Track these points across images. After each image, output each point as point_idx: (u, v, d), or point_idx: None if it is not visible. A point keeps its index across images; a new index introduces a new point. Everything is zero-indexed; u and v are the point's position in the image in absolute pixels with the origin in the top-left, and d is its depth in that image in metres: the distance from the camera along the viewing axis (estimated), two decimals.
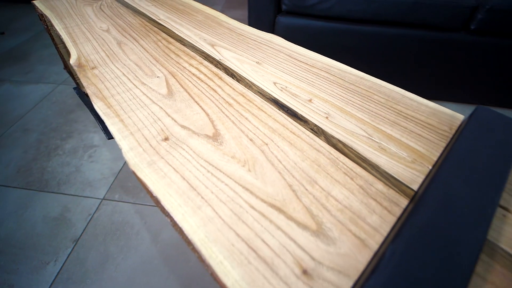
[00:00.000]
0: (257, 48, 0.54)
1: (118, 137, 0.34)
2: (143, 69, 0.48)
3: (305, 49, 0.53)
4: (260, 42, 0.56)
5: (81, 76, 0.46)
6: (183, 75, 0.46)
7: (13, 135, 1.02)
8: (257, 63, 0.49)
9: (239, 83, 0.44)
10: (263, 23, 1.14)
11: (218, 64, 0.49)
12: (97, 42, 0.57)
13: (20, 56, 1.52)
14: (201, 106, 0.39)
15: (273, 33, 1.11)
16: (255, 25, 1.15)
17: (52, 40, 0.85)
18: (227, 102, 0.40)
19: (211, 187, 0.28)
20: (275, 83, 0.44)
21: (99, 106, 0.39)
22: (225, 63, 0.49)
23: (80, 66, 0.48)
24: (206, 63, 0.50)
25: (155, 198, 0.27)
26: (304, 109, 0.39)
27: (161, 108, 0.39)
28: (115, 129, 0.35)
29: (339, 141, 0.33)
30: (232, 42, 0.56)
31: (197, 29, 0.62)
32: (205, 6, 0.75)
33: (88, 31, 0.61)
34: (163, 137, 0.34)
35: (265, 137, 0.34)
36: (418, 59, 1.04)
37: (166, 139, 0.34)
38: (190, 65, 0.49)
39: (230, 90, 0.43)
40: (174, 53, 0.53)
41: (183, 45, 0.56)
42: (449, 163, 0.28)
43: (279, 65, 0.49)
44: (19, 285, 0.61)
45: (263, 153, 0.32)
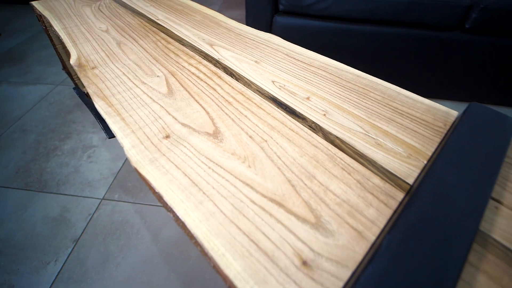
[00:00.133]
0: (255, 47, 0.55)
1: (120, 135, 0.34)
2: (143, 68, 0.48)
3: (302, 48, 0.54)
4: (258, 41, 0.57)
5: (81, 76, 0.46)
6: (182, 74, 0.47)
7: (12, 136, 1.01)
8: (255, 62, 0.50)
9: (238, 81, 0.45)
10: (260, 23, 1.15)
11: (217, 63, 0.50)
12: (96, 42, 0.57)
13: (18, 57, 1.52)
14: (201, 104, 0.40)
15: (270, 33, 1.12)
16: (253, 25, 1.16)
17: (50, 40, 0.85)
18: (227, 100, 0.41)
19: (212, 183, 0.28)
20: (273, 82, 0.45)
21: (100, 105, 0.40)
22: (224, 62, 0.50)
23: (80, 66, 0.49)
24: (205, 62, 0.50)
25: (157, 194, 0.28)
26: (302, 106, 0.39)
27: (162, 106, 0.39)
28: (117, 128, 0.36)
29: (337, 138, 0.34)
30: (230, 41, 0.57)
31: (196, 29, 0.62)
32: (203, 6, 0.76)
33: (87, 31, 0.62)
34: (164, 135, 0.34)
35: (265, 134, 0.35)
36: (414, 58, 1.06)
37: (167, 137, 0.34)
38: (189, 64, 0.50)
39: (229, 88, 0.43)
40: (173, 52, 0.53)
41: (182, 44, 0.56)
42: (443, 157, 0.28)
43: (277, 64, 0.49)
44: (20, 286, 0.62)
45: (263, 149, 0.32)
